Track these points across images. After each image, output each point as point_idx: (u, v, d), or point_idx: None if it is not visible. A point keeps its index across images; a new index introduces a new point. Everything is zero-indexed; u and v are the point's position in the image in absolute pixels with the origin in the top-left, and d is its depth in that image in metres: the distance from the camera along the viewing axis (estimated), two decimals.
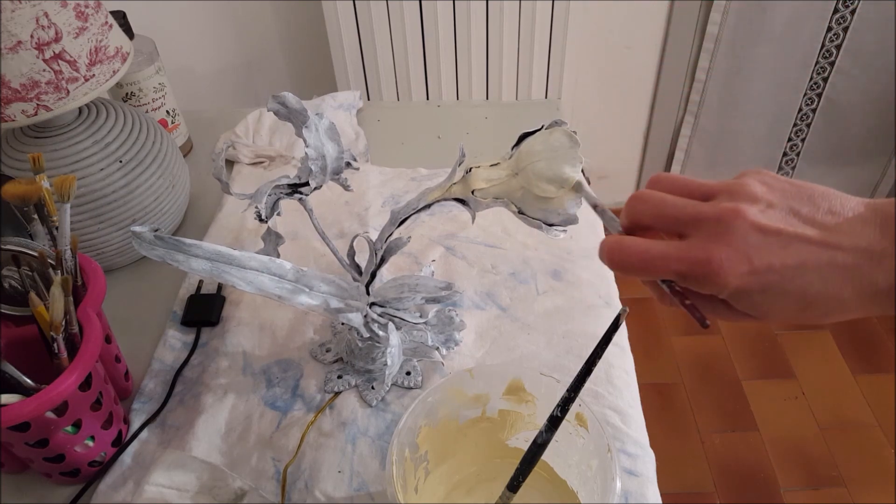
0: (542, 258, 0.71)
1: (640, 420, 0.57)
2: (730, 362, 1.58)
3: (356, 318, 0.52)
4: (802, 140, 1.69)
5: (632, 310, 0.42)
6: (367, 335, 0.54)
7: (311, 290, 0.50)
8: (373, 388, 0.59)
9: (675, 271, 0.32)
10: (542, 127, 0.45)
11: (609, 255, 0.33)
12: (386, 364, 0.57)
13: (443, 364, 0.61)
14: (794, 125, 1.66)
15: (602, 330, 0.64)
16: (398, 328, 0.55)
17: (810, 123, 1.66)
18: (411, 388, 0.59)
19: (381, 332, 0.54)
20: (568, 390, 0.39)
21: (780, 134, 1.68)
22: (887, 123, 1.65)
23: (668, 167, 1.77)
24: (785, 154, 1.72)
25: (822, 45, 1.51)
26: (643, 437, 0.55)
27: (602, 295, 0.67)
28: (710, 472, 1.38)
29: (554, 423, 0.40)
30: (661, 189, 0.34)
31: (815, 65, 1.54)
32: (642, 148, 1.76)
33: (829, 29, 1.48)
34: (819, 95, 1.60)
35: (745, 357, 1.59)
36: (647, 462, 0.53)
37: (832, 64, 1.54)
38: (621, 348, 0.62)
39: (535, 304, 0.66)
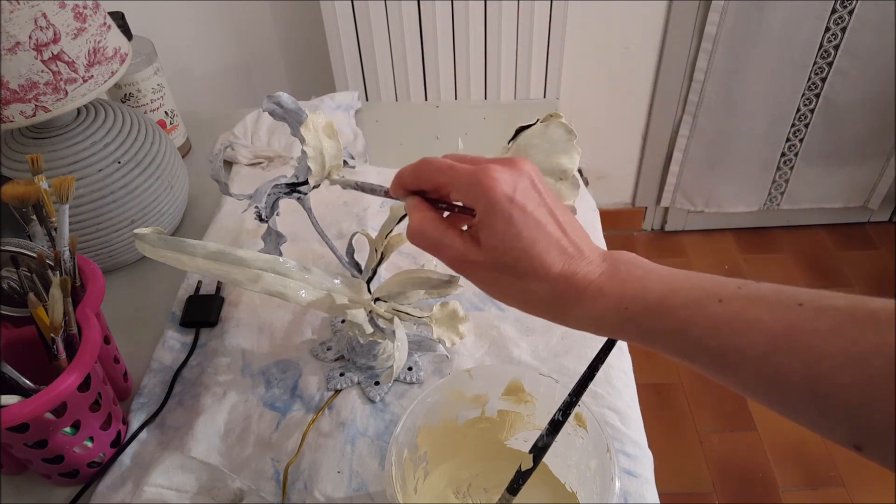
0: None
1: (639, 420, 0.57)
2: None
3: (360, 314, 0.52)
4: (800, 140, 1.70)
5: None
6: (371, 331, 0.54)
7: (316, 287, 0.50)
8: (377, 384, 0.59)
9: (456, 179, 0.35)
10: (538, 121, 0.45)
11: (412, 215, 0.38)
12: (392, 358, 0.57)
13: (447, 357, 0.61)
14: (793, 125, 1.66)
15: None
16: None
17: (808, 124, 1.66)
18: (413, 384, 0.59)
19: (386, 328, 0.54)
20: (570, 395, 0.39)
21: (778, 134, 1.68)
22: (885, 124, 1.65)
23: (666, 167, 1.77)
24: (783, 154, 1.73)
25: (821, 46, 1.51)
26: (641, 437, 0.55)
27: None
28: (708, 472, 1.38)
29: (555, 427, 0.40)
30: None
31: (814, 65, 1.55)
32: (640, 148, 1.76)
33: (828, 29, 1.48)
34: (817, 96, 1.60)
35: None
36: (645, 462, 0.53)
37: (830, 64, 1.54)
38: (620, 349, 0.62)
39: None
